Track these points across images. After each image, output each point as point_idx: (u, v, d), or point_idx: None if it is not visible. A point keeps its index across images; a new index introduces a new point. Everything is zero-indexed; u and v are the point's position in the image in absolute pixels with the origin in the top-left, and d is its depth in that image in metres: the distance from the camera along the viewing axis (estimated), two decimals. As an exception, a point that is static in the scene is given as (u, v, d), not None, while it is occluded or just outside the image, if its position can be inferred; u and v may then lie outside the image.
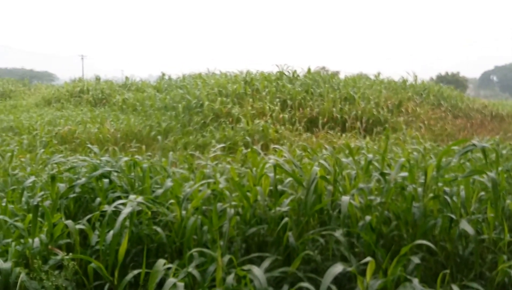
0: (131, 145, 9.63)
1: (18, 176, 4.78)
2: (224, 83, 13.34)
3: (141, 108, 13.22)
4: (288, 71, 16.71)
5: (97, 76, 19.54)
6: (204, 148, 9.76)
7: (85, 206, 3.43)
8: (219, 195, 3.11)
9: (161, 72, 18.75)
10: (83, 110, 14.28)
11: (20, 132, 9.43)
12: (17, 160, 6.14)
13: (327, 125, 12.87)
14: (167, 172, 4.21)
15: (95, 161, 3.75)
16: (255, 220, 3.16)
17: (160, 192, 3.31)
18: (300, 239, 2.93)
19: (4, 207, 2.97)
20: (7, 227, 2.78)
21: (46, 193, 3.37)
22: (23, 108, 15.60)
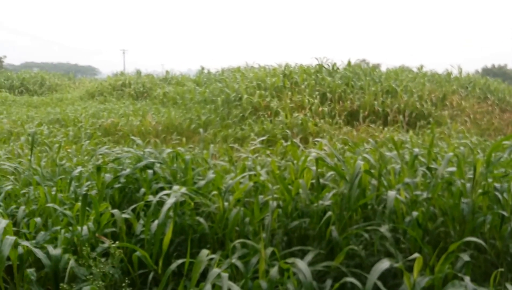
0: (172, 138, 9.84)
1: (65, 166, 5.00)
2: (262, 77, 13.32)
3: (181, 101, 13.47)
4: (327, 64, 16.44)
5: (138, 70, 20.13)
6: (243, 141, 9.81)
7: (130, 196, 3.53)
8: (260, 187, 3.09)
9: (200, 66, 19.04)
10: (125, 103, 14.75)
11: (66, 124, 9.87)
12: (64, 151, 6.44)
13: (368, 119, 12.56)
14: (208, 164, 4.26)
15: (139, 153, 3.85)
16: (297, 214, 3.14)
17: (203, 184, 3.35)
18: (343, 233, 2.88)
19: (54, 195, 3.10)
20: (56, 215, 2.91)
21: (92, 183, 3.50)
22: (68, 101, 16.33)
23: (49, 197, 3.09)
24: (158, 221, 2.68)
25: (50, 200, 3.07)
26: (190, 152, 4.23)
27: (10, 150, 6.24)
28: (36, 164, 4.94)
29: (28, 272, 2.44)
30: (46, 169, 4.80)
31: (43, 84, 22.77)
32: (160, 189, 3.57)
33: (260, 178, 3.37)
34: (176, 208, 2.82)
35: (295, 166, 3.50)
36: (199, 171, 3.93)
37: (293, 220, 3.06)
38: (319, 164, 3.20)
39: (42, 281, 2.59)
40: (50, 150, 6.81)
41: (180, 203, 2.99)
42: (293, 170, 3.45)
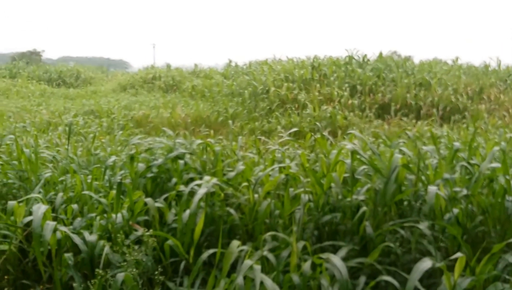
0: (200, 130, 9.91)
1: (99, 156, 5.11)
2: (290, 69, 13.19)
3: (209, 94, 13.54)
4: (358, 55, 16.09)
5: (168, 63, 20.39)
6: (270, 134, 9.76)
7: (161, 186, 3.55)
8: (291, 180, 3.04)
9: (228, 59, 19.07)
10: (155, 95, 14.96)
11: (100, 115, 10.11)
12: (98, 141, 6.59)
13: (400, 112, 12.24)
14: (237, 155, 4.24)
15: (170, 143, 3.86)
16: (328, 208, 3.07)
17: (232, 175, 3.32)
18: (378, 229, 2.79)
19: (89, 183, 3.15)
20: (92, 202, 2.96)
21: (126, 172, 3.54)
22: (102, 94, 16.73)
23: (85, 185, 3.15)
24: (190, 211, 2.68)
25: (86, 188, 3.13)
26: (219, 143, 4.21)
27: (49, 140, 6.44)
28: (72, 153, 5.07)
29: (66, 257, 2.49)
30: (82, 158, 4.92)
31: (79, 77, 23.46)
32: (191, 180, 3.58)
33: (290, 171, 3.32)
34: (207, 198, 2.81)
35: (327, 159, 3.42)
36: (228, 163, 3.91)
37: (324, 214, 2.99)
38: (352, 158, 3.11)
39: (79, 266, 2.64)
40: (85, 140, 6.99)
41: (210, 193, 2.99)
42: (324, 163, 3.37)
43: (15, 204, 2.51)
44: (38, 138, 6.28)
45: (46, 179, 3.71)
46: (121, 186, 2.63)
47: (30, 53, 35.53)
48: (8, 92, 15.97)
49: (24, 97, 14.89)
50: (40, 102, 12.84)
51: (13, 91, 16.26)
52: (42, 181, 3.23)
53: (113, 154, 5.18)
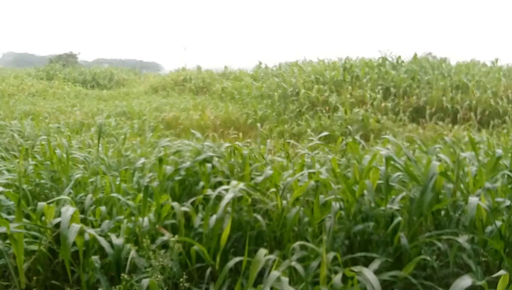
0: (229, 132, 9.93)
1: (130, 157, 5.19)
2: (321, 70, 13.00)
3: (239, 96, 13.55)
4: (391, 56, 15.69)
5: (199, 66, 20.61)
6: (299, 137, 9.63)
7: (189, 189, 3.53)
8: (322, 186, 2.94)
9: (258, 61, 19.05)
10: (185, 97, 15.14)
11: (132, 117, 10.31)
12: (129, 143, 6.71)
13: (436, 116, 11.81)
14: (265, 159, 4.18)
15: (198, 146, 3.85)
16: (361, 217, 2.95)
17: (260, 180, 3.26)
18: (413, 241, 2.66)
19: (118, 186, 3.17)
20: (120, 204, 2.97)
21: (154, 175, 3.55)
22: (134, 95, 17.10)
23: (114, 187, 3.17)
24: (217, 216, 2.64)
25: (114, 190, 3.15)
26: (248, 147, 4.16)
27: (82, 140, 6.60)
28: (103, 154, 5.17)
29: (93, 260, 2.51)
30: (112, 159, 5.01)
31: (112, 79, 24.12)
32: (218, 183, 3.55)
33: (320, 177, 3.23)
34: (234, 203, 2.76)
35: (359, 165, 3.30)
36: (256, 167, 3.86)
37: (356, 223, 2.88)
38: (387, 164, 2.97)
39: (106, 268, 2.65)
40: (116, 141, 7.13)
41: (237, 198, 2.94)
42: (357, 169, 3.25)
43: (45, 205, 2.54)
44: (71, 139, 6.46)
45: (76, 180, 3.79)
46: (148, 190, 2.62)
47: (66, 55, 36.89)
48: (45, 94, 16.60)
49: (59, 98, 15.43)
50: (74, 103, 13.26)
51: (49, 92, 16.89)
52: (72, 182, 3.28)
53: (143, 156, 5.25)
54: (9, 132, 6.54)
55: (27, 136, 6.59)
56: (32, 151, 5.80)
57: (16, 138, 6.01)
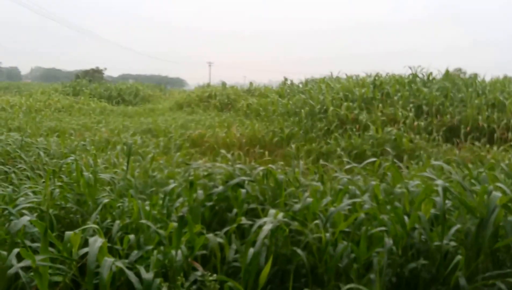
0: (255, 150, 9.76)
1: (156, 178, 5.06)
2: (350, 87, 12.73)
3: (264, 113, 13.43)
4: (422, 73, 15.30)
5: (223, 82, 20.67)
6: (328, 156, 9.35)
7: (220, 215, 3.36)
8: (371, 219, 2.71)
9: (284, 77, 18.96)
10: (210, 114, 15.13)
11: (157, 134, 10.30)
12: (155, 162, 6.61)
13: (470, 136, 11.31)
14: (300, 184, 3.97)
15: (230, 169, 3.68)
16: (411, 252, 2.69)
17: (298, 208, 3.06)
18: (471, 281, 2.39)
19: (148, 212, 3.02)
20: (149, 232, 2.81)
21: (184, 200, 3.39)
22: (159, 112, 17.24)
23: (142, 213, 3.02)
24: (254, 249, 2.45)
25: (144, 217, 2.99)
26: (282, 170, 3.96)
27: (107, 159, 6.55)
28: (129, 174, 5.06)
29: (120, 295, 2.34)
30: (138, 180, 4.89)
31: (137, 95, 24.50)
32: (251, 210, 3.36)
33: (364, 207, 2.99)
34: (273, 235, 2.56)
35: (399, 190, 3.05)
36: (290, 192, 3.66)
37: (406, 259, 2.62)
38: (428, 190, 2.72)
39: (133, 304, 2.48)
40: (142, 159, 7.06)
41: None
42: (407, 198, 3.01)
43: (72, 235, 2.41)
44: (97, 158, 6.42)
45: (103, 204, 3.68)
46: (183, 220, 2.44)
47: (93, 71, 37.95)
48: (71, 109, 16.93)
49: (85, 114, 15.68)
50: (100, 120, 13.41)
51: (75, 108, 17.22)
52: (100, 208, 3.15)
53: (170, 177, 5.12)
54: (35, 149, 6.56)
55: (52, 154, 6.59)
56: (58, 171, 5.78)
57: (42, 157, 6.00)
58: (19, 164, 5.83)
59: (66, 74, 68.84)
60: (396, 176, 3.98)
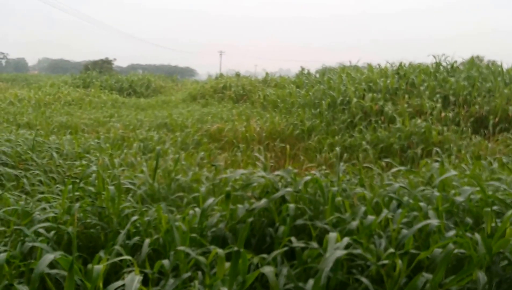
0: (275, 145, 9.36)
1: (180, 181, 4.70)
2: (373, 78, 12.19)
3: (282, 105, 12.98)
4: (446, 62, 14.67)
5: (237, 72, 20.20)
6: (353, 151, 8.92)
7: (261, 231, 2.98)
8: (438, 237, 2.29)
9: (300, 67, 18.42)
10: (226, 106, 14.71)
11: (174, 129, 9.93)
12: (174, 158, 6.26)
13: (499, 127, 10.76)
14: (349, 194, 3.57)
15: (270, 176, 3.29)
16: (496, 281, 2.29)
17: (355, 226, 2.66)
18: None
19: (185, 235, 2.62)
20: (188, 260, 2.44)
21: (222, 215, 3.02)
22: (172, 104, 16.85)
23: (175, 233, 2.64)
24: (314, 280, 2.07)
25: (177, 237, 2.61)
26: (327, 178, 3.56)
27: (124, 158, 6.21)
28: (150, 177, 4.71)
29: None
30: (162, 185, 4.54)
31: (149, 86, 24.10)
32: (294, 228, 2.96)
33: (431, 225, 2.59)
34: (338, 264, 2.17)
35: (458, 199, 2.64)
36: (338, 202, 3.26)
37: None
38: None
39: None
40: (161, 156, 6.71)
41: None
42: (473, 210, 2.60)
43: (102, 269, 2.04)
44: (113, 158, 6.08)
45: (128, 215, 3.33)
46: (239, 256, 2.05)
47: (102, 61, 37.71)
48: (81, 102, 16.62)
49: (96, 107, 15.36)
50: (112, 113, 13.08)
51: (86, 101, 16.90)
52: (128, 227, 2.79)
53: (195, 179, 4.76)
54: (48, 150, 6.23)
55: (66, 154, 6.27)
56: (72, 174, 5.46)
57: (55, 158, 5.67)
58: (31, 166, 5.52)
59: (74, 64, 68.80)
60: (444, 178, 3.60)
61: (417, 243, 2.54)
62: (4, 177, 5.13)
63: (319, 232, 2.80)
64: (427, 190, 3.60)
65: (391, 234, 2.70)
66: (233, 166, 6.34)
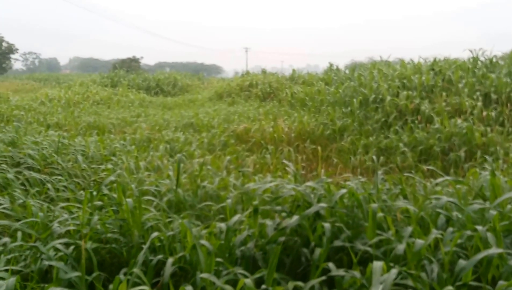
0: (305, 146, 9.05)
1: (207, 188, 4.50)
2: (408, 74, 11.65)
3: (311, 103, 12.62)
4: (483, 56, 13.88)
5: (263, 69, 19.90)
6: (389, 153, 8.50)
7: (295, 253, 2.72)
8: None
9: (329, 63, 17.94)
10: (253, 105, 14.49)
11: (200, 129, 9.79)
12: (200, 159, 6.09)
13: (546, 127, 10.03)
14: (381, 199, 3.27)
15: (302, 189, 3.02)
16: None
17: (401, 250, 2.36)
18: None
19: (209, 261, 2.39)
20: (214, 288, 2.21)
21: (250, 232, 2.78)
22: (199, 102, 16.79)
23: (201, 256, 2.42)
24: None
25: (204, 263, 2.39)
26: (365, 190, 3.26)
27: (150, 161, 6.08)
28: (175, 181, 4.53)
29: None
30: (187, 193, 4.35)
31: (176, 85, 24.20)
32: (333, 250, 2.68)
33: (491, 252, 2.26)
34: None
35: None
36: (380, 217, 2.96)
37: None
38: None
39: None
40: (187, 160, 6.56)
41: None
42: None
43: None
44: (138, 160, 5.96)
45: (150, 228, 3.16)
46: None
47: (130, 60, 38.31)
48: (109, 102, 16.79)
49: (124, 107, 15.47)
50: (139, 113, 13.11)
51: (114, 100, 17.08)
52: (148, 246, 2.60)
53: (222, 187, 4.56)
54: (74, 152, 6.18)
55: (91, 157, 6.20)
56: (97, 178, 5.36)
57: (80, 162, 5.59)
58: (56, 170, 5.46)
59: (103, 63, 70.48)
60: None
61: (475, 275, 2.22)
62: (30, 182, 5.08)
63: (361, 253, 2.52)
64: (478, 204, 3.25)
65: (443, 257, 2.39)
66: (262, 170, 6.10)
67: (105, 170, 5.53)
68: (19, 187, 4.84)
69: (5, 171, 5.14)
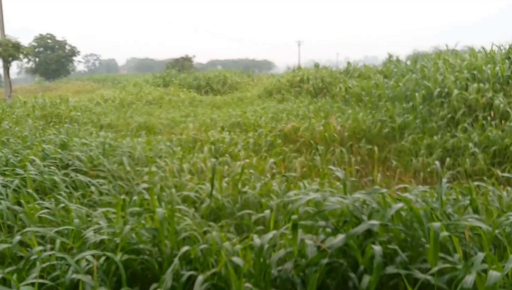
0: (360, 146, 8.58)
1: (248, 195, 4.30)
2: (478, 64, 10.69)
3: (368, 98, 12.02)
4: None
5: (316, 63, 19.38)
6: (457, 154, 7.79)
7: (341, 276, 2.43)
8: None
9: (388, 53, 17.05)
10: (303, 101, 14.11)
11: (246, 129, 9.64)
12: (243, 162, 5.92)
13: None
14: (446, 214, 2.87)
15: (349, 203, 2.71)
16: None
17: (471, 282, 1.99)
18: None
19: (240, 281, 2.18)
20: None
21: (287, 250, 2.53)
22: (247, 100, 16.69)
23: (233, 275, 2.21)
24: None
25: (234, 287, 2.18)
26: (427, 203, 2.88)
27: (193, 163, 6.01)
28: (217, 189, 4.38)
29: None
30: (227, 198, 4.18)
31: (225, 83, 24.40)
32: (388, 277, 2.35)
33: None
34: None
35: None
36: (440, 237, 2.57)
37: None
38: None
39: None
40: (231, 161, 6.43)
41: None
42: None
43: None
44: (182, 163, 5.90)
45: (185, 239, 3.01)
46: None
47: (182, 59, 39.27)
48: (162, 101, 17.21)
49: (174, 106, 15.77)
50: (188, 113, 13.25)
51: (165, 99, 17.49)
52: (176, 261, 2.43)
53: (263, 193, 4.34)
54: (121, 153, 6.26)
55: (137, 158, 6.24)
56: (140, 181, 5.36)
57: (125, 164, 5.62)
58: (102, 172, 5.53)
59: (158, 63, 73.14)
60: None
61: None
62: (76, 184, 5.18)
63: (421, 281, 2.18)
64: None
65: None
66: (310, 174, 5.80)
67: (148, 173, 5.52)
68: (65, 189, 4.94)
69: (53, 173, 5.26)
